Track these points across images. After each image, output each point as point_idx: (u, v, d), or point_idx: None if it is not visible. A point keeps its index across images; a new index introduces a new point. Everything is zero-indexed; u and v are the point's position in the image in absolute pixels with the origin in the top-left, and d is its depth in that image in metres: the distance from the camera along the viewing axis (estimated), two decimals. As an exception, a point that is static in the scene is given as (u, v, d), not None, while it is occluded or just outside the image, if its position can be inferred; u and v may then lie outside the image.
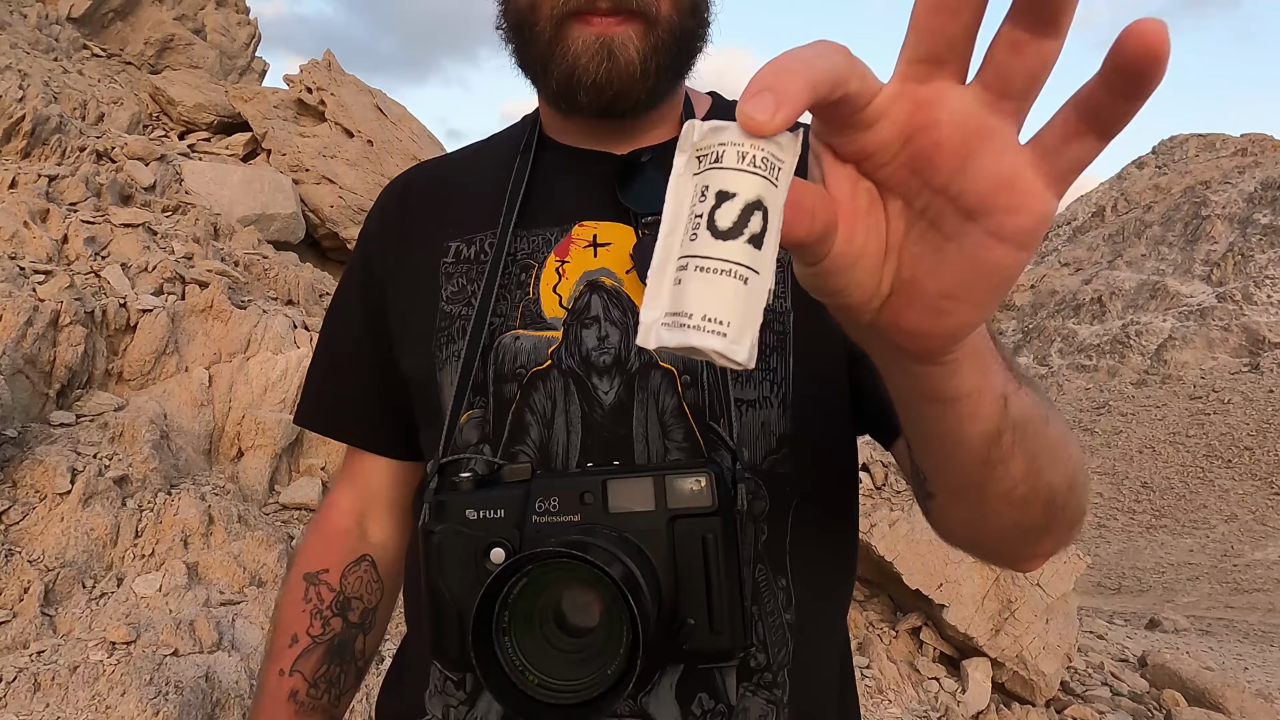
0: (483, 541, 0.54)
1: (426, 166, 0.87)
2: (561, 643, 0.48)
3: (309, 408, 0.85)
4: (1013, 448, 0.47)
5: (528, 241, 0.73)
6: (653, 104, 0.71)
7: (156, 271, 3.68)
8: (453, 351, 0.71)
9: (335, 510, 0.85)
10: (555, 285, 0.71)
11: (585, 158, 0.75)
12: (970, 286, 0.34)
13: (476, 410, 0.69)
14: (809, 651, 0.67)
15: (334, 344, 0.85)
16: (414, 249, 0.78)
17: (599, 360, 0.68)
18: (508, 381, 0.69)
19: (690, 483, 0.56)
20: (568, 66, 0.67)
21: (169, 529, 2.59)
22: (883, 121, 0.32)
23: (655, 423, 0.66)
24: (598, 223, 0.72)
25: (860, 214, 0.34)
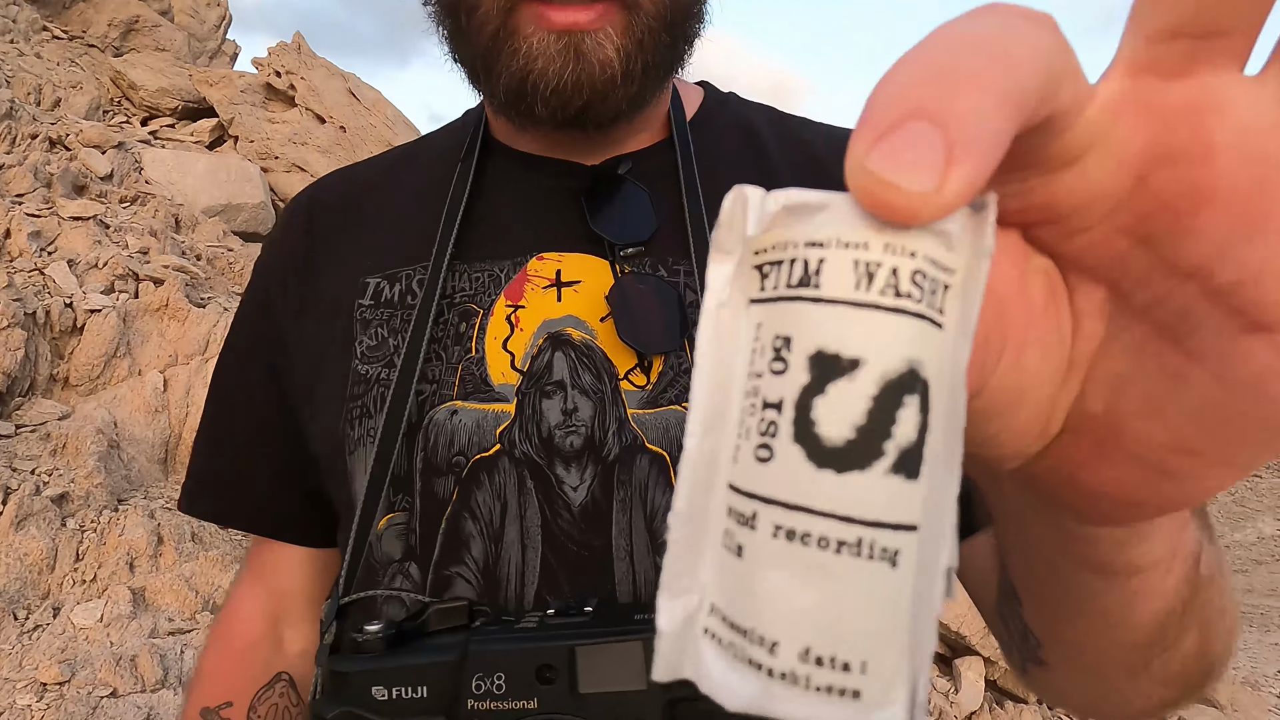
0: None
1: (340, 178, 0.67)
2: None
3: (196, 490, 0.66)
4: (1192, 621, 0.32)
5: (470, 279, 0.55)
6: (635, 112, 0.52)
7: (108, 268, 3.46)
8: (367, 429, 0.52)
9: (240, 618, 0.66)
10: (506, 339, 0.52)
11: (546, 169, 0.57)
12: (1238, 439, 0.17)
13: (399, 514, 0.51)
14: None
15: (226, 409, 0.65)
16: (322, 288, 0.58)
17: (565, 443, 0.50)
18: (441, 474, 0.50)
19: None
20: (519, 70, 0.49)
21: (113, 551, 2.39)
22: (1095, 153, 0.16)
23: (642, 531, 0.48)
24: (562, 254, 0.54)
25: (1035, 316, 0.18)
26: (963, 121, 0.12)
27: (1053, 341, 0.18)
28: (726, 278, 0.14)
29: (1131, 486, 0.19)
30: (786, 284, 0.13)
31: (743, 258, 0.14)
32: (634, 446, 0.49)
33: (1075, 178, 0.16)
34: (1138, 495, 0.19)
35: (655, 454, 0.49)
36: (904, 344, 0.13)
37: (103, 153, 4.92)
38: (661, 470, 0.48)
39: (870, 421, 0.13)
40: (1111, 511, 0.21)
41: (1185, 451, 0.18)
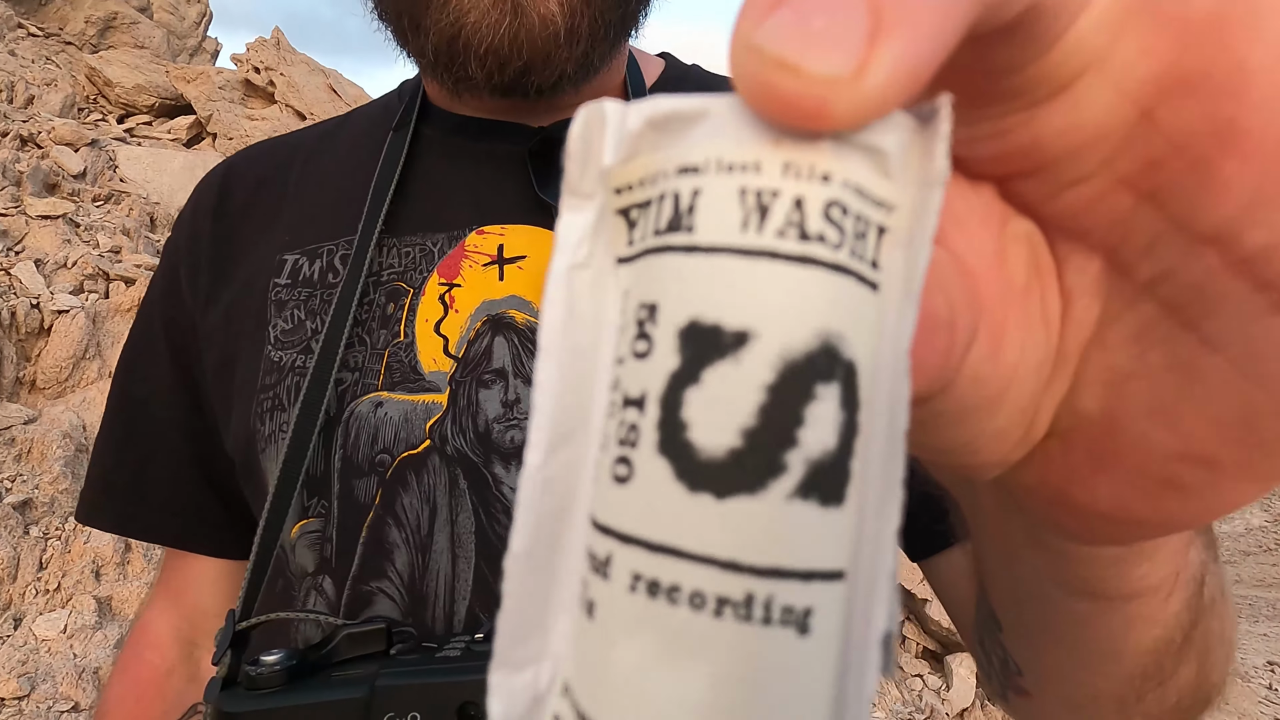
0: None
1: (262, 149, 0.60)
2: None
3: (94, 498, 0.59)
4: (1191, 651, 0.28)
5: (399, 255, 0.48)
6: (584, 78, 0.46)
7: (77, 268, 3.37)
8: (280, 424, 0.47)
9: (149, 645, 0.59)
10: (439, 322, 0.46)
11: (487, 133, 0.51)
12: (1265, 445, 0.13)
13: (313, 520, 0.45)
14: None
15: (129, 405, 0.58)
16: (236, 266, 0.53)
17: (505, 438, 0.44)
18: (363, 475, 0.44)
19: None
20: (449, 24, 0.43)
21: (78, 559, 2.31)
22: (1090, 78, 0.12)
23: None
24: (505, 226, 0.48)
25: (1014, 295, 0.14)
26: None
27: (1037, 326, 0.14)
28: (584, 231, 0.10)
29: (1134, 502, 0.15)
30: (654, 230, 0.10)
31: (605, 202, 0.10)
32: None
33: (1065, 111, 0.12)
34: (1141, 513, 0.15)
35: None
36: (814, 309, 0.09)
37: (75, 150, 4.81)
38: None
39: (765, 422, 0.09)
40: (1109, 531, 0.16)
41: (1200, 461, 0.14)
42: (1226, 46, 0.11)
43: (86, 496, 0.60)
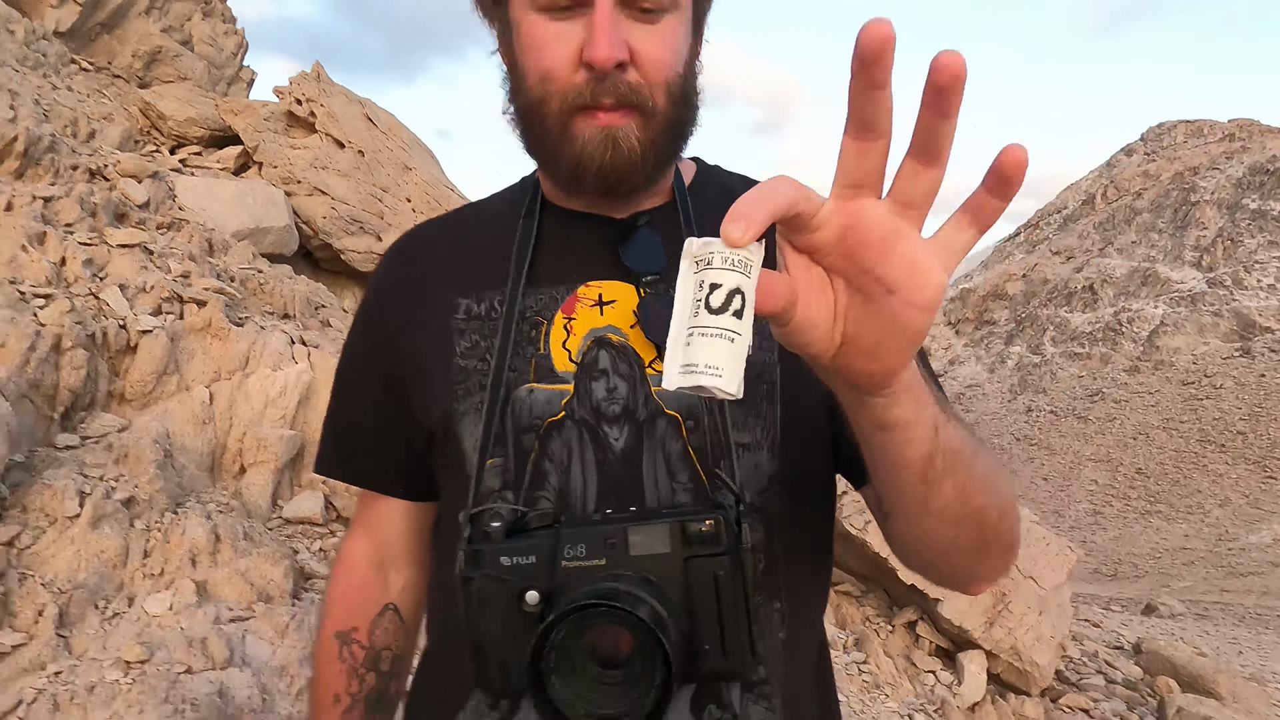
0: (517, 586, 0.60)
1: (429, 227, 0.91)
2: (600, 675, 0.54)
3: (327, 456, 0.90)
4: (944, 470, 0.56)
5: (535, 299, 0.78)
6: (650, 185, 0.76)
7: (154, 292, 3.72)
8: (471, 405, 0.75)
9: (354, 564, 0.90)
10: (564, 341, 0.76)
11: (587, 221, 0.80)
12: (893, 339, 0.46)
13: (497, 459, 0.74)
14: (796, 661, 0.74)
15: (346, 395, 0.89)
16: (424, 305, 0.82)
17: (609, 410, 0.73)
18: (525, 432, 0.74)
19: (702, 526, 0.62)
20: (575, 155, 0.72)
21: (177, 548, 2.64)
22: (825, 227, 0.45)
23: (662, 466, 0.72)
24: (602, 282, 0.77)
25: (814, 290, 0.46)
26: (751, 219, 0.39)
27: (825, 300, 0.47)
28: (687, 266, 0.42)
29: (865, 365, 0.48)
30: (703, 266, 0.42)
31: (690, 259, 0.42)
32: (656, 412, 0.73)
33: (820, 235, 0.45)
34: (868, 368, 0.48)
35: (671, 416, 0.73)
36: (736, 280, 0.42)
37: (139, 182, 5.20)
38: (674, 426, 0.72)
39: (726, 301, 0.41)
40: (866, 382, 0.49)
41: (880, 345, 0.46)
42: (858, 218, 0.45)
43: (322, 455, 0.90)
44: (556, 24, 0.71)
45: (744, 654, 0.61)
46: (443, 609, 0.80)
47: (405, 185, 6.90)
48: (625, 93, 0.70)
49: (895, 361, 0.47)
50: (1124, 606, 13.75)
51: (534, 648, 0.53)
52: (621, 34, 0.69)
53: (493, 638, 0.62)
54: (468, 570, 0.63)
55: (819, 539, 0.80)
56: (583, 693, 0.54)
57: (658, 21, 0.71)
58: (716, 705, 0.69)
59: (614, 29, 0.69)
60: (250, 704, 2.15)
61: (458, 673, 0.74)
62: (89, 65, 9.04)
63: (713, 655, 0.61)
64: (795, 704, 0.73)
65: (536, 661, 0.52)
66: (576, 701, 0.53)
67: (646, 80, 0.71)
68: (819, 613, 0.81)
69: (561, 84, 0.71)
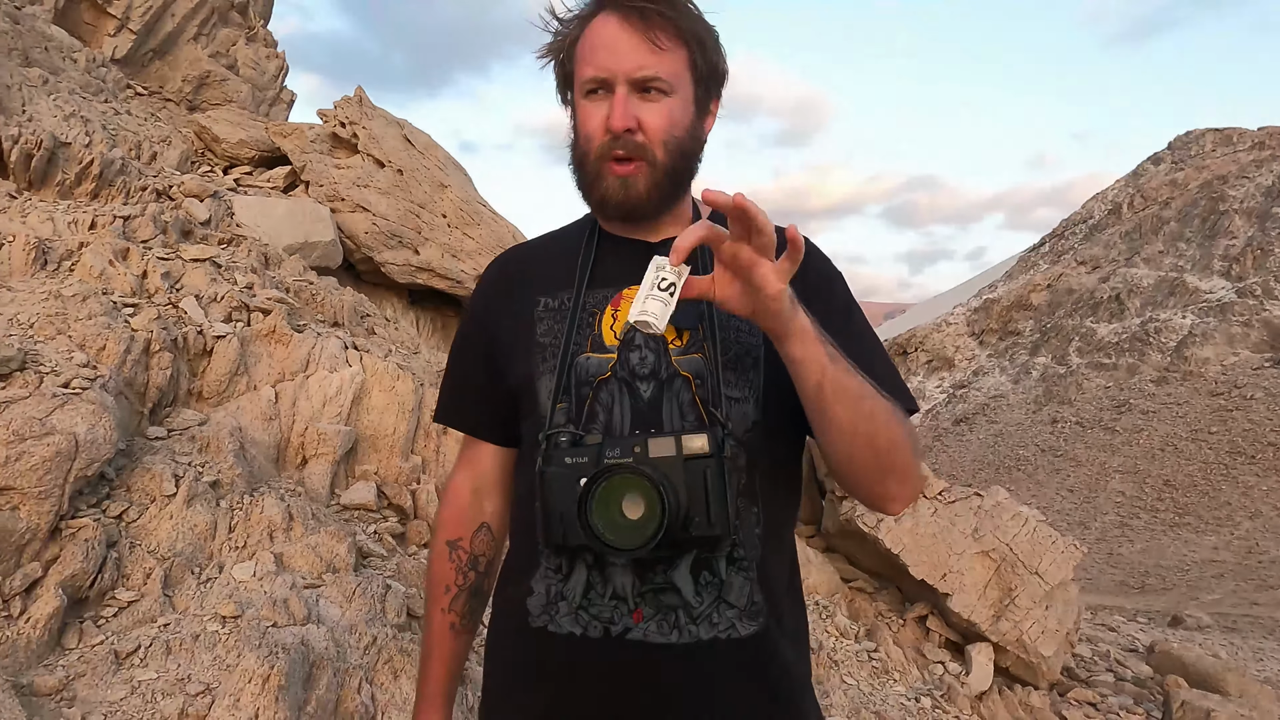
0: (575, 475, 0.95)
1: (519, 248, 1.28)
2: (621, 521, 0.89)
3: (443, 408, 1.26)
4: (833, 396, 0.93)
5: (593, 297, 1.13)
6: (659, 215, 1.11)
7: (224, 301, 4.13)
8: (546, 368, 1.10)
9: (458, 491, 1.25)
10: (611, 325, 1.10)
11: (630, 244, 1.15)
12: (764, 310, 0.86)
13: (564, 403, 1.08)
14: (769, 550, 1.07)
15: (457, 368, 1.25)
16: (515, 301, 1.18)
17: (641, 371, 1.07)
18: (583, 385, 1.08)
19: (697, 440, 0.95)
20: (601, 193, 1.08)
21: (257, 525, 3.01)
22: (727, 254, 0.84)
23: (676, 410, 1.05)
24: (637, 287, 1.12)
25: (727, 282, 0.87)
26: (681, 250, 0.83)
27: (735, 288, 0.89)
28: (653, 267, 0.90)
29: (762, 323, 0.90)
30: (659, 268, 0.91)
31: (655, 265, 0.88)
32: (674, 374, 1.06)
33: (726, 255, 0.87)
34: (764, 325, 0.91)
35: (684, 377, 1.06)
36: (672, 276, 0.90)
37: (200, 201, 5.64)
38: (686, 383, 1.06)
39: (667, 286, 0.88)
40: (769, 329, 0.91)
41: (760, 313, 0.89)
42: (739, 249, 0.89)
43: (440, 408, 1.25)
44: (594, 104, 1.07)
45: (725, 525, 0.95)
46: (521, 510, 1.15)
47: (441, 202, 7.31)
48: (634, 148, 1.05)
49: (771, 322, 0.90)
50: (1150, 619, 13.75)
51: (582, 494, 0.88)
52: (632, 110, 1.04)
53: (558, 509, 0.97)
54: (543, 466, 0.98)
55: (789, 470, 1.14)
56: (609, 529, 0.88)
57: (658, 101, 1.06)
58: (708, 572, 1.03)
59: (626, 106, 1.04)
60: (327, 654, 2.51)
61: (529, 552, 1.08)
62: (143, 90, 9.60)
63: (701, 524, 0.95)
64: (768, 582, 1.07)
65: (584, 501, 0.87)
66: (605, 533, 0.88)
67: (649, 140, 1.05)
68: (789, 529, 1.14)
69: (595, 142, 1.06)
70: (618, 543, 0.91)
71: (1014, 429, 34.08)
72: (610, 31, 1.05)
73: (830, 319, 1.02)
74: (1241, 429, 29.40)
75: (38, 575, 2.44)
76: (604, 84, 1.05)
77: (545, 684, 1.07)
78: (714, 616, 1.02)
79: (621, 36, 1.03)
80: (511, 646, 1.12)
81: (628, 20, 1.04)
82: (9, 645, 2.25)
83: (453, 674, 1.21)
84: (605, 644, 1.03)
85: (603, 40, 1.05)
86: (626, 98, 1.04)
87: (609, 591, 1.03)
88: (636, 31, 1.03)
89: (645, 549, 0.90)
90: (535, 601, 1.07)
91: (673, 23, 1.05)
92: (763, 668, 1.05)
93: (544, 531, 1.01)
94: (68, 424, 2.65)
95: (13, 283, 3.80)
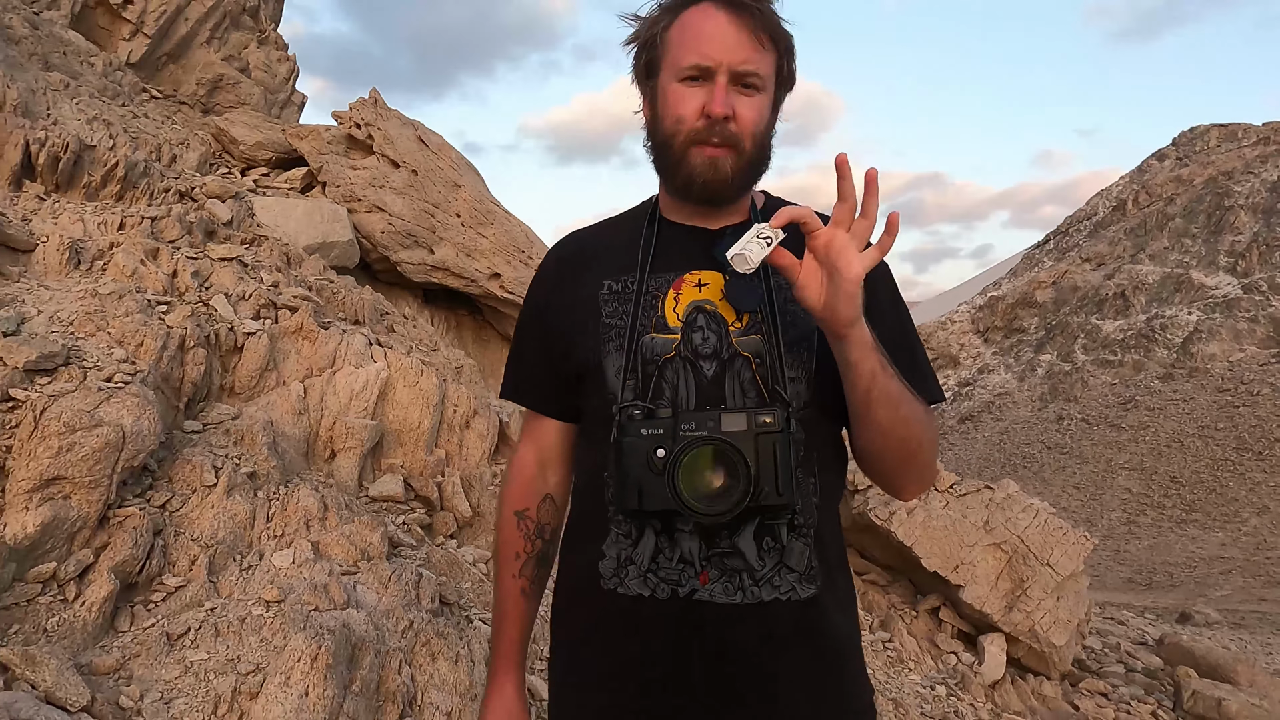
0: (651, 445, 1.03)
1: (575, 236, 1.34)
2: (706, 489, 0.98)
3: (509, 386, 1.34)
4: (878, 400, 1.02)
5: (656, 281, 1.19)
6: (736, 199, 1.19)
7: (252, 299, 4.22)
8: (613, 347, 1.17)
9: (524, 464, 1.32)
10: (674, 308, 1.17)
11: (691, 231, 1.22)
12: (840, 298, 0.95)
13: (631, 380, 1.14)
14: (824, 519, 1.15)
15: (522, 345, 1.33)
16: (578, 285, 1.24)
17: (703, 351, 1.15)
18: (649, 364, 1.15)
19: (767, 415, 1.03)
20: (688, 173, 1.14)
21: (293, 515, 3.10)
22: (820, 239, 0.93)
23: (738, 386, 1.13)
24: (700, 271, 1.19)
25: (812, 269, 0.95)
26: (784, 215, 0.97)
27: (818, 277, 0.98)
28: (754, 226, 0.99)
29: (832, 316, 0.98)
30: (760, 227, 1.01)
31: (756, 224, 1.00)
32: (735, 353, 1.14)
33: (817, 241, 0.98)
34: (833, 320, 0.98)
35: (745, 357, 1.14)
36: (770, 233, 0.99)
37: (222, 202, 5.74)
38: (746, 363, 1.13)
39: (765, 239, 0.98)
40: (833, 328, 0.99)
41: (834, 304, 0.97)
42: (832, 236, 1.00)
43: (504, 386, 1.33)
44: (690, 89, 1.12)
45: (791, 494, 1.03)
46: (588, 480, 1.22)
47: (455, 201, 7.40)
48: (727, 136, 1.11)
49: (846, 314, 0.97)
50: (1158, 615, 13.78)
51: (669, 463, 0.97)
52: (730, 99, 1.10)
53: (634, 476, 1.05)
54: (619, 437, 1.07)
55: (838, 446, 1.22)
56: (694, 496, 0.97)
57: (752, 96, 1.12)
58: (770, 538, 1.11)
59: (726, 95, 1.10)
60: (368, 636, 2.59)
61: (598, 519, 1.16)
62: (158, 94, 9.71)
63: (770, 494, 1.03)
64: (824, 549, 1.15)
65: (671, 471, 0.96)
66: (691, 500, 0.97)
67: (741, 130, 1.11)
68: (839, 500, 1.22)
69: (688, 125, 1.12)
70: (703, 509, 1.00)
71: (1020, 426, 34.08)
72: (719, 23, 1.10)
73: (879, 308, 1.12)
74: (1248, 425, 29.37)
75: (89, 561, 2.53)
76: (705, 72, 1.10)
77: (615, 642, 1.15)
78: (775, 579, 1.10)
79: (730, 30, 1.09)
80: (583, 608, 1.20)
81: (738, 15, 1.10)
82: (67, 627, 2.35)
83: (524, 636, 1.29)
84: (673, 604, 1.10)
85: (709, 31, 1.10)
86: (727, 86, 1.10)
87: (676, 555, 1.11)
88: (745, 28, 1.09)
89: (730, 514, 0.99)
90: (606, 565, 1.15)
91: (773, 26, 1.12)
92: (818, 629, 1.13)
93: (618, 498, 1.09)
94: (115, 416, 2.74)
95: (48, 281, 3.89)
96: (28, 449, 2.58)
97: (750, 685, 1.10)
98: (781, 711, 1.11)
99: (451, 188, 7.49)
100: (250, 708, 2.20)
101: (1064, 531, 5.81)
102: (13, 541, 2.40)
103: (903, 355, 1.13)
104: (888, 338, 1.09)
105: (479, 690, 2.70)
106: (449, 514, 4.00)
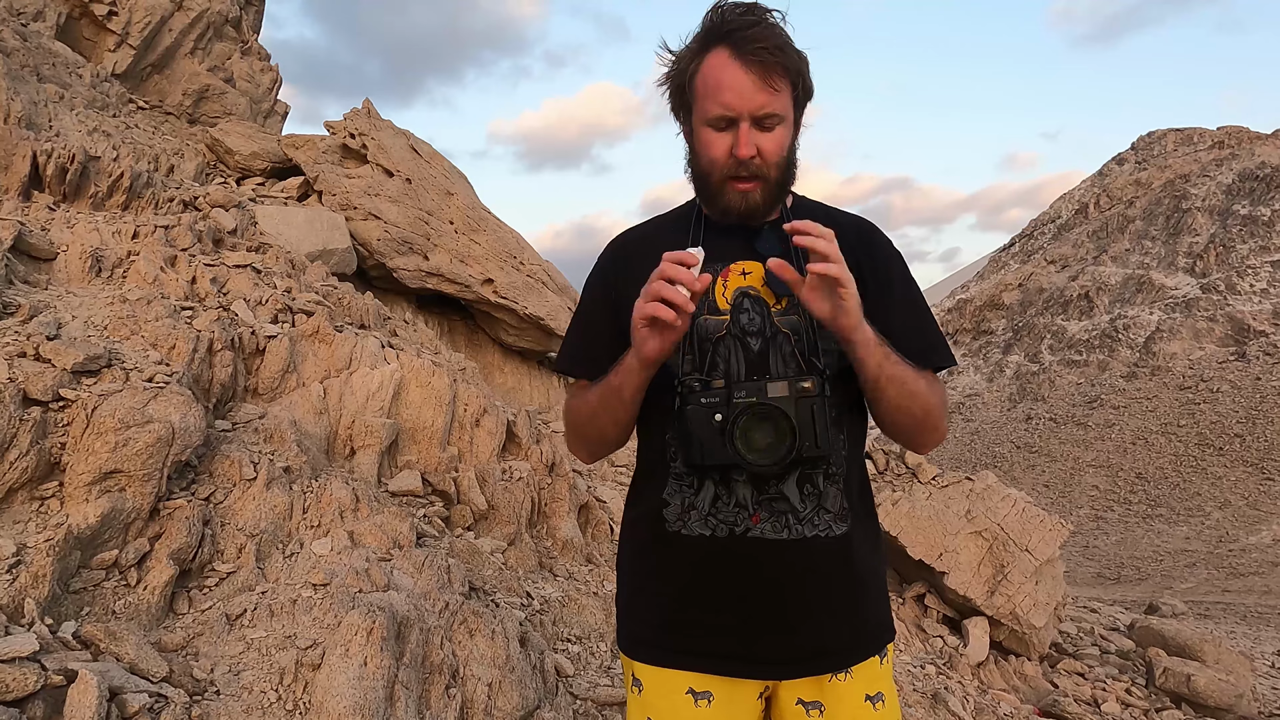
0: (710, 411, 1.25)
1: (636, 228, 1.55)
2: (759, 444, 1.20)
3: (566, 359, 1.53)
4: (886, 382, 1.27)
5: (705, 271, 1.40)
6: (768, 216, 1.40)
7: (269, 304, 4.37)
8: None
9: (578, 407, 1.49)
10: (723, 293, 1.39)
11: (735, 228, 1.42)
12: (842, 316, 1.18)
13: (689, 355, 1.36)
14: (852, 469, 1.39)
15: (581, 325, 1.52)
16: (635, 274, 1.41)
17: (750, 329, 1.36)
18: (704, 341, 1.37)
19: (805, 382, 1.25)
20: (725, 204, 1.37)
21: (328, 506, 3.26)
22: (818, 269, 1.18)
23: (780, 359, 1.35)
24: (744, 262, 1.41)
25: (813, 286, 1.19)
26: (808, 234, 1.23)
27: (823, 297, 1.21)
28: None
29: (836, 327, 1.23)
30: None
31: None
32: (777, 331, 1.36)
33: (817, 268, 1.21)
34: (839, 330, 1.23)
35: (785, 333, 1.36)
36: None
37: (226, 211, 5.86)
38: (787, 339, 1.36)
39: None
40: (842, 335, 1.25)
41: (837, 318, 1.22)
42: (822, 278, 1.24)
43: (567, 363, 1.52)
44: (718, 134, 1.33)
45: (826, 446, 1.26)
46: (651, 439, 1.42)
47: (448, 209, 7.57)
48: (755, 171, 1.33)
49: (847, 324, 1.20)
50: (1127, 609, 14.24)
51: (728, 425, 1.21)
52: (753, 140, 1.31)
53: (697, 436, 1.28)
54: (682, 405, 1.29)
55: (861, 408, 1.44)
56: (749, 451, 1.20)
57: (773, 129, 1.33)
58: (810, 485, 1.34)
59: (750, 138, 1.31)
60: (411, 615, 2.77)
61: (660, 475, 1.38)
62: (144, 104, 9.75)
63: (810, 448, 1.25)
64: (852, 494, 1.39)
65: (730, 432, 1.19)
66: (747, 454, 1.19)
67: (766, 163, 1.33)
68: (862, 445, 1.46)
69: (720, 165, 1.34)
70: (758, 461, 1.22)
71: (989, 426, 34.77)
72: (735, 75, 1.28)
73: (890, 290, 1.38)
74: (1209, 421, 30.25)
75: (146, 549, 2.69)
76: (729, 121, 1.29)
77: (682, 574, 1.37)
78: (815, 519, 1.34)
79: (745, 82, 1.28)
80: (651, 549, 1.41)
81: (749, 68, 1.28)
82: (132, 609, 2.50)
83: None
84: (731, 541, 1.33)
85: (726, 83, 1.29)
86: (749, 130, 1.30)
87: (732, 501, 1.33)
88: (758, 77, 1.28)
89: (779, 465, 1.22)
90: (671, 511, 1.37)
91: (782, 64, 1.30)
92: (850, 561, 1.37)
93: (684, 455, 1.31)
94: (163, 413, 2.89)
95: (73, 288, 4.02)
96: (84, 445, 2.73)
97: (794, 604, 1.35)
98: (815, 625, 1.35)
99: (444, 195, 7.65)
100: (314, 677, 2.37)
101: (1040, 519, 6.11)
102: (76, 531, 2.55)
103: (914, 333, 1.37)
104: (901, 319, 1.34)
105: (516, 663, 2.89)
106: (465, 507, 4.17)
